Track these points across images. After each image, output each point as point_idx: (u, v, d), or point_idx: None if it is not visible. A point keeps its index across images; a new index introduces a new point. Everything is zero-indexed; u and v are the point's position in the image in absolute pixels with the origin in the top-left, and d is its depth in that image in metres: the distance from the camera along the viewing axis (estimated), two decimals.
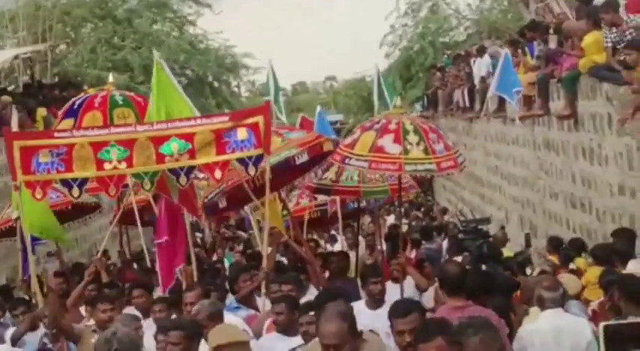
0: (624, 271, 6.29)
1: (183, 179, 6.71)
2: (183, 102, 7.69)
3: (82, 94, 8.83)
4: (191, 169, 6.75)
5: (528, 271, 8.36)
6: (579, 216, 10.06)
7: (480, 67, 16.20)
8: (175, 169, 6.71)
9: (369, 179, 8.77)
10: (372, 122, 7.16)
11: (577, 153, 10.04)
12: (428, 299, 7.15)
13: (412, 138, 6.75)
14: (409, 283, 7.41)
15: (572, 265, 8.13)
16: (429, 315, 4.88)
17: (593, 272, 7.10)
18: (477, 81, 16.37)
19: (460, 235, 9.45)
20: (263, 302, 6.85)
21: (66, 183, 6.66)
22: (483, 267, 7.41)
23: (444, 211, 17.57)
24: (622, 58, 8.57)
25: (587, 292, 6.74)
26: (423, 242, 11.59)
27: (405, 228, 13.68)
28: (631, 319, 4.35)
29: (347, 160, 6.89)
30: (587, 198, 9.77)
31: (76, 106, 8.28)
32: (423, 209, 18.86)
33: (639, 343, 2.11)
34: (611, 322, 2.97)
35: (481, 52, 16.60)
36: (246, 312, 6.68)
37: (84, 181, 6.67)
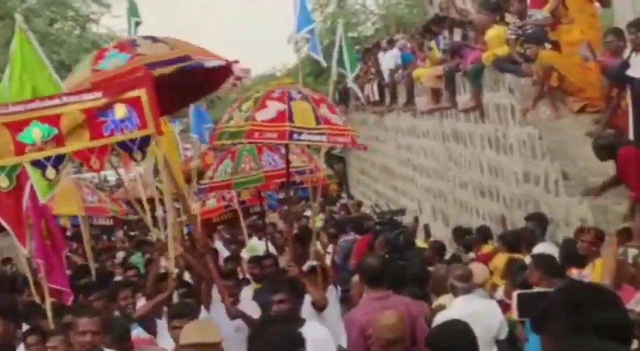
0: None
1: (51, 172, 5.44)
2: (53, 81, 6.32)
3: None
4: (60, 158, 5.47)
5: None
6: (488, 204, 10.40)
7: (388, 60, 16.51)
8: (40, 161, 5.44)
9: (241, 169, 8.33)
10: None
11: (483, 143, 10.35)
12: (330, 317, 6.30)
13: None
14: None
15: (471, 254, 8.47)
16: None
17: (501, 258, 7.41)
18: (386, 75, 16.68)
19: (376, 227, 9.68)
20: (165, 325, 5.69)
21: None
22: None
23: (359, 204, 17.84)
24: (523, 51, 8.94)
25: (495, 277, 7.00)
26: (340, 236, 11.73)
27: (320, 223, 13.84)
28: (538, 289, 4.65)
29: (296, 136, 5.97)
30: (494, 186, 10.09)
31: None
32: (338, 204, 19.08)
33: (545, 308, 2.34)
34: (523, 291, 3.26)
35: (390, 45, 16.91)
36: (136, 333, 5.71)
37: None
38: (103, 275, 8.62)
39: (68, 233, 11.46)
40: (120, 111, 5.48)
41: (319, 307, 6.17)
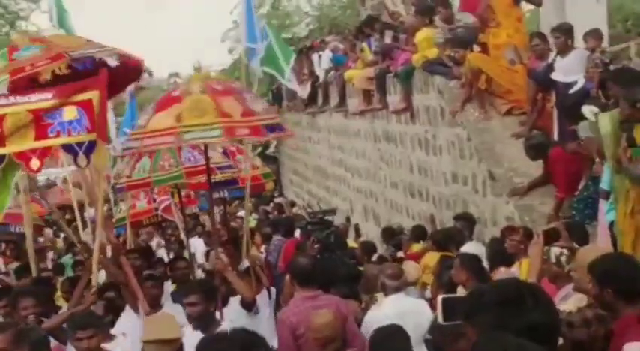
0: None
1: None
2: None
3: None
4: None
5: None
6: (418, 204, 10.53)
7: (321, 61, 16.56)
8: None
9: (160, 167, 8.07)
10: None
11: (414, 144, 10.48)
12: (262, 318, 6.26)
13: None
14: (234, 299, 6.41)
15: (400, 253, 8.58)
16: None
17: (432, 257, 7.51)
18: (320, 75, 16.73)
19: (308, 227, 9.69)
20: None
21: None
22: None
23: (292, 204, 17.84)
24: (452, 54, 9.09)
25: (425, 276, 7.10)
26: (273, 236, 11.70)
27: (254, 223, 13.79)
28: (461, 293, 4.73)
29: (187, 136, 5.63)
30: (424, 186, 10.22)
31: None
32: (272, 204, 19.05)
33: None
34: (448, 295, 3.31)
35: (323, 46, 16.97)
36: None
37: None
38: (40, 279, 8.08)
39: None
40: (70, 113, 5.24)
41: (246, 304, 6.12)
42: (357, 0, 18.79)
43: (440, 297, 3.00)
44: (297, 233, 11.11)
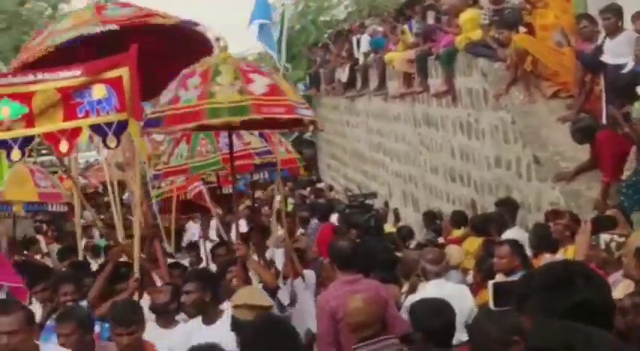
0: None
1: (16, 154, 5.02)
2: None
3: None
4: (28, 140, 5.03)
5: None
6: (458, 189, 10.38)
7: (360, 44, 16.41)
8: (6, 141, 5.00)
9: (198, 153, 7.93)
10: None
11: (455, 128, 10.31)
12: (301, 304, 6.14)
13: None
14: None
15: (441, 239, 8.44)
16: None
17: (472, 243, 7.38)
18: (359, 58, 16.58)
19: (347, 210, 9.60)
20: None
21: None
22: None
23: (330, 188, 17.77)
24: (496, 35, 8.89)
25: (465, 261, 6.98)
26: (311, 220, 11.63)
27: (290, 207, 13.73)
28: (513, 278, 4.59)
29: (297, 110, 5.38)
30: (465, 171, 10.06)
31: None
32: (309, 188, 19.01)
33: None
34: (499, 280, 3.19)
35: (362, 29, 16.81)
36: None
37: None
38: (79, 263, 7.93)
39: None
40: (99, 91, 5.08)
41: (270, 289, 5.72)
42: None
43: (490, 282, 2.89)
44: (335, 217, 11.06)
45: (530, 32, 8.59)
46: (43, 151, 17.25)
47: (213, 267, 7.50)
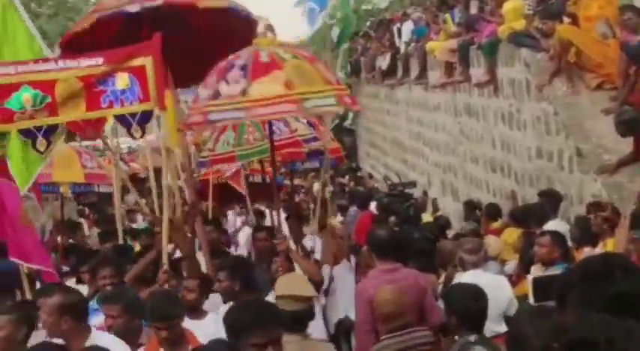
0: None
1: (42, 144, 4.96)
2: (39, 47, 5.76)
3: None
4: (52, 129, 4.98)
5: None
6: (499, 179, 10.32)
7: (402, 33, 16.35)
8: (29, 130, 4.93)
9: (245, 140, 7.80)
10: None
11: (497, 118, 10.25)
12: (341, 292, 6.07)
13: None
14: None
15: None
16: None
17: (510, 234, 7.36)
18: (400, 47, 16.52)
19: (386, 199, 9.61)
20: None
21: None
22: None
23: (370, 176, 17.78)
24: (540, 26, 8.80)
25: (503, 252, 6.95)
26: (349, 208, 11.66)
27: (328, 195, 13.73)
28: (554, 271, 4.58)
29: (306, 104, 5.17)
30: (506, 162, 10.00)
31: None
32: (347, 176, 19.05)
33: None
34: (539, 275, 3.19)
35: (404, 18, 16.74)
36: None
37: None
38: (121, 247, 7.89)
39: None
40: (122, 80, 4.97)
41: (314, 282, 5.48)
42: None
43: (530, 277, 2.91)
44: (374, 205, 11.08)
45: (574, 23, 8.49)
46: None
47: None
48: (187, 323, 4.66)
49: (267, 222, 9.30)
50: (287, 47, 5.68)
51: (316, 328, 5.27)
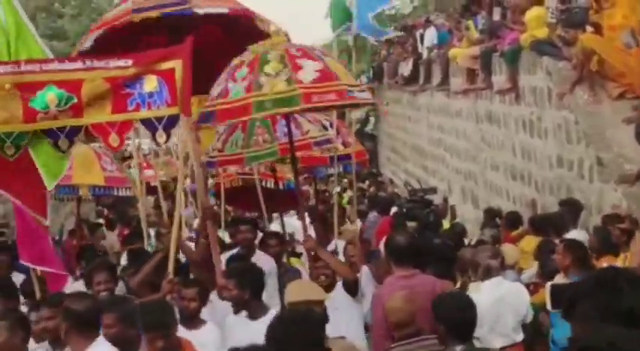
0: None
1: (64, 143, 4.88)
2: (41, 49, 5.74)
3: None
4: (75, 130, 4.88)
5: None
6: (519, 187, 10.30)
7: (425, 39, 16.36)
8: (52, 130, 4.84)
9: (254, 142, 7.48)
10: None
11: (518, 126, 10.23)
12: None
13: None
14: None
15: None
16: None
17: (529, 242, 7.34)
18: (422, 53, 16.54)
19: (406, 204, 9.61)
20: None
21: None
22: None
23: (391, 181, 17.79)
24: (562, 34, 8.79)
25: (521, 260, 6.94)
26: (370, 213, 11.66)
27: (346, 199, 13.79)
28: (572, 280, 4.58)
29: (350, 94, 5.06)
30: (526, 170, 9.98)
31: None
32: (367, 181, 19.07)
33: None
34: (556, 282, 3.21)
35: (427, 24, 16.74)
36: None
37: None
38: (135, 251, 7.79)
39: None
40: (150, 83, 4.82)
41: (350, 286, 5.65)
42: None
43: (548, 284, 2.93)
44: (393, 211, 11.08)
45: (598, 32, 8.47)
46: None
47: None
48: (183, 332, 4.57)
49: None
50: (295, 46, 5.44)
51: (354, 332, 5.34)
